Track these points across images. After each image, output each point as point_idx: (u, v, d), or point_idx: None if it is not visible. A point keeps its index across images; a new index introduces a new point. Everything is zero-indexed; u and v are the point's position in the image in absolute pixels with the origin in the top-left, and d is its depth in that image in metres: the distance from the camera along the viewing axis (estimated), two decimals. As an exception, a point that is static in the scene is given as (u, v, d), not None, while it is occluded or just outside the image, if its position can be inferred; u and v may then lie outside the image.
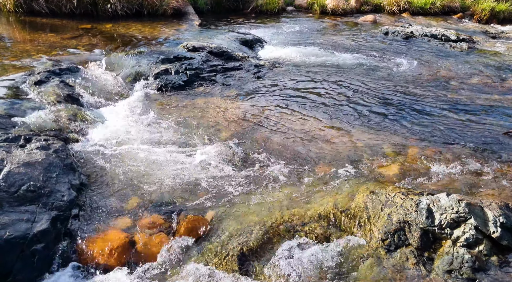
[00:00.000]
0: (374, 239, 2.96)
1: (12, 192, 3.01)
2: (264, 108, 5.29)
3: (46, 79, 5.01)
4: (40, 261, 2.78)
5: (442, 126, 4.91)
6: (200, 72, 6.30)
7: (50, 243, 2.87)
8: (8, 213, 2.87)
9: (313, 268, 2.81)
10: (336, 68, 7.19)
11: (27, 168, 3.23)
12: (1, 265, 2.64)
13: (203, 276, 2.82)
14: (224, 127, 4.76)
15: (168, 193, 3.56)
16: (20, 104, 4.33)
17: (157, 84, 5.81)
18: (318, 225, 3.15)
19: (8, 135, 3.57)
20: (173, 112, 5.11)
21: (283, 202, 3.44)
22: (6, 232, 2.72)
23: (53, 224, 2.96)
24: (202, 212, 3.37)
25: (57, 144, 3.69)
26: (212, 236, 3.17)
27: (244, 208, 3.40)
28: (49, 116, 4.28)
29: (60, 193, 3.21)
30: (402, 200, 3.10)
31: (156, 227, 3.22)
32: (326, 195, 3.48)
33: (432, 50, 9.02)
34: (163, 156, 4.08)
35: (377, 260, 2.82)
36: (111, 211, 3.35)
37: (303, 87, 6.07)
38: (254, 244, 3.02)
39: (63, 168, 3.46)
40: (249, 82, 6.28)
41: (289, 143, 4.45)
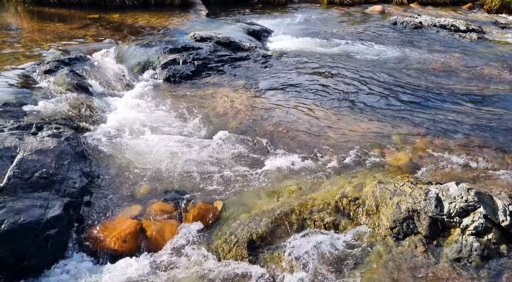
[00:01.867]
0: (383, 227, 2.98)
1: (25, 179, 3.06)
2: (271, 98, 5.30)
3: (55, 68, 5.04)
4: (54, 246, 2.83)
5: (451, 117, 4.89)
6: (208, 62, 6.30)
7: (63, 229, 2.92)
8: (22, 199, 2.92)
9: (321, 256, 2.83)
10: (343, 58, 7.16)
11: (39, 155, 3.28)
12: (17, 249, 2.69)
13: (212, 263, 2.86)
14: (232, 117, 4.77)
15: (178, 181, 3.59)
16: (30, 93, 4.37)
17: (165, 74, 5.82)
18: (326, 214, 3.17)
19: (20, 123, 3.61)
20: (181, 101, 5.13)
21: (291, 191, 3.46)
22: (20, 217, 2.77)
23: (65, 210, 3.00)
24: (211, 200, 3.40)
25: (68, 132, 3.73)
26: (221, 224, 3.20)
27: (253, 196, 3.43)
28: (59, 105, 4.31)
29: (72, 180, 3.26)
30: (411, 189, 3.11)
31: (166, 214, 3.26)
32: (334, 184, 3.49)
33: (441, 40, 8.93)
34: (172, 144, 4.11)
35: (385, 248, 2.84)
36: (121, 198, 3.39)
37: (310, 77, 6.06)
38: (263, 231, 3.05)
39: (74, 155, 3.50)
40: (257, 72, 6.28)
41: (297, 132, 4.45)
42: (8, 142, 3.29)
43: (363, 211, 3.14)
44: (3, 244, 2.65)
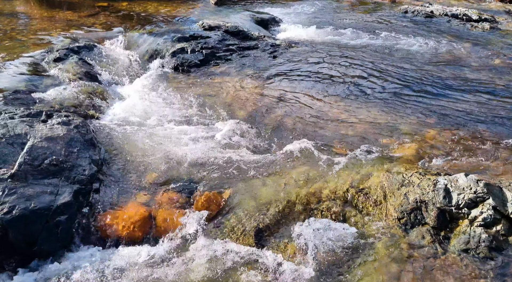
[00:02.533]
0: (390, 218, 2.98)
1: (36, 166, 3.10)
2: (279, 88, 5.28)
3: (65, 56, 5.07)
4: (64, 232, 2.88)
5: (461, 107, 4.83)
6: (216, 51, 6.28)
7: (73, 215, 2.96)
8: (33, 185, 2.96)
9: (328, 245, 2.84)
10: (353, 48, 7.09)
11: (49, 142, 3.31)
12: (28, 234, 2.74)
13: (220, 251, 2.88)
14: (240, 106, 4.77)
15: (185, 170, 3.61)
16: (40, 81, 4.41)
17: (174, 62, 5.82)
18: (334, 204, 3.17)
19: (30, 111, 3.64)
20: (189, 90, 5.13)
21: (299, 180, 3.46)
22: (31, 203, 2.81)
23: (75, 197, 3.04)
24: (219, 189, 3.42)
25: (78, 120, 3.76)
26: (229, 212, 3.22)
27: (260, 185, 3.43)
28: (68, 92, 4.34)
29: (81, 168, 3.29)
30: (419, 180, 3.10)
31: (174, 202, 3.29)
32: (342, 174, 3.48)
33: (452, 30, 8.79)
34: (180, 133, 4.13)
35: (393, 238, 2.84)
36: (130, 186, 3.42)
37: (319, 66, 6.02)
38: (270, 220, 3.07)
39: (83, 143, 3.53)
40: (265, 61, 6.24)
41: (305, 122, 4.44)
42: (18, 129, 3.33)
43: (371, 201, 3.13)
44: (15, 229, 2.70)
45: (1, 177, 2.90)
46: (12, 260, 2.71)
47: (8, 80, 4.30)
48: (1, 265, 2.68)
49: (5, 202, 2.76)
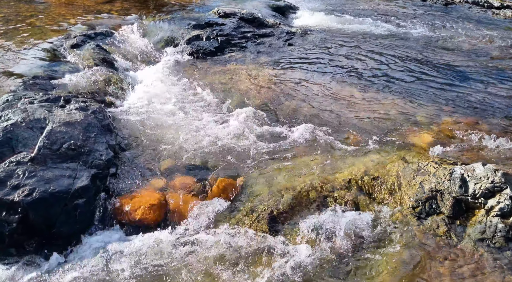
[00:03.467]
0: (405, 207, 2.97)
1: (54, 150, 3.16)
2: (294, 75, 5.25)
3: (82, 43, 5.12)
4: (82, 215, 2.94)
5: (480, 97, 4.74)
6: (231, 39, 6.26)
7: (90, 199, 3.02)
8: (52, 169, 3.02)
9: (342, 233, 2.85)
10: (370, 36, 6.99)
11: (67, 127, 3.37)
12: (47, 217, 2.81)
13: (233, 236, 2.92)
14: (255, 94, 4.76)
15: (200, 156, 3.64)
16: (58, 67, 4.47)
17: (189, 49, 5.83)
18: (348, 192, 3.17)
19: (49, 96, 3.70)
20: (204, 77, 5.14)
21: (313, 168, 3.46)
22: (50, 186, 2.88)
23: (92, 181, 3.10)
24: (233, 176, 3.44)
25: (95, 105, 3.81)
26: (243, 199, 3.25)
27: (274, 173, 3.45)
28: (85, 78, 4.40)
29: (98, 152, 3.34)
30: (435, 169, 3.07)
31: (188, 188, 3.32)
32: (356, 162, 3.47)
33: (473, 17, 8.58)
34: (195, 119, 4.15)
35: (407, 227, 2.83)
36: (145, 171, 3.47)
37: (334, 54, 5.95)
38: (284, 207, 3.08)
39: (100, 128, 3.58)
40: (280, 49, 6.21)
41: (320, 110, 4.42)
42: (38, 114, 3.39)
43: (385, 190, 3.12)
44: (35, 211, 2.77)
45: (22, 160, 2.98)
46: (32, 241, 2.79)
47: (28, 66, 4.37)
48: (22, 246, 2.76)
49: (25, 185, 2.83)
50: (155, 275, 2.64)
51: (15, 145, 3.09)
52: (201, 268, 2.67)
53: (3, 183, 2.81)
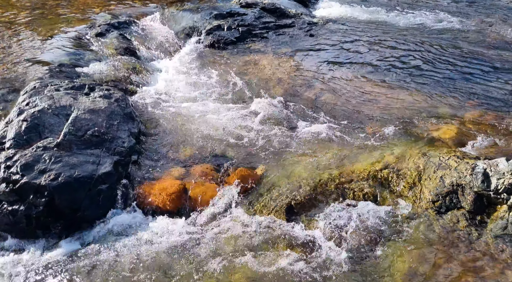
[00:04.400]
0: (424, 200, 2.94)
1: (79, 136, 3.25)
2: (315, 67, 5.21)
3: (106, 31, 5.21)
4: (105, 200, 3.03)
5: (505, 91, 4.61)
6: (252, 29, 6.25)
7: (113, 185, 3.11)
8: (77, 154, 3.11)
9: (360, 226, 2.85)
10: (394, 27, 6.86)
11: (92, 114, 3.45)
12: (72, 201, 2.91)
13: (251, 225, 2.95)
14: (275, 84, 4.76)
15: (220, 145, 3.67)
16: (83, 55, 4.57)
17: (210, 39, 5.85)
18: (366, 184, 3.16)
19: (74, 84, 3.80)
20: (225, 67, 5.16)
21: (332, 159, 3.45)
22: (75, 171, 2.97)
23: (115, 167, 3.18)
24: (252, 165, 3.47)
25: (118, 94, 3.88)
26: (261, 189, 3.28)
27: (293, 164, 3.46)
28: (109, 67, 4.48)
29: (121, 140, 3.42)
30: (456, 163, 3.02)
31: (208, 177, 3.37)
32: (376, 154, 3.45)
33: (502, 8, 8.31)
34: (215, 109, 4.19)
35: (426, 221, 2.81)
36: (166, 159, 3.53)
37: (357, 45, 5.87)
38: (302, 198, 3.10)
39: (123, 116, 3.65)
40: (301, 40, 6.16)
41: (340, 102, 4.39)
42: (63, 101, 3.49)
43: (404, 183, 3.10)
44: (60, 195, 2.87)
45: (48, 146, 3.07)
46: (58, 224, 2.89)
47: (54, 54, 4.48)
48: (48, 228, 2.87)
49: (51, 169, 2.93)
50: (173, 258, 2.70)
51: (42, 130, 3.19)
52: (218, 254, 2.73)
53: (31, 167, 2.91)
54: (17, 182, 2.83)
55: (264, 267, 2.61)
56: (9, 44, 4.74)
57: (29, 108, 3.34)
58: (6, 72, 4.10)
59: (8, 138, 3.10)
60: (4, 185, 2.82)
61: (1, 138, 3.12)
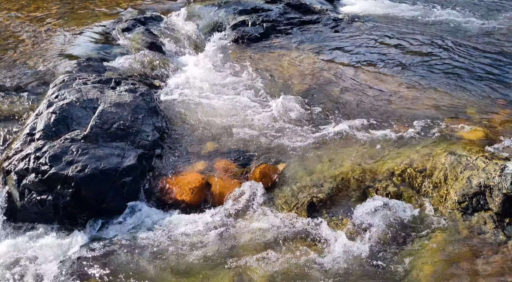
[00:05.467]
0: (450, 201, 2.88)
1: (105, 129, 3.32)
2: (339, 64, 5.16)
3: (132, 27, 5.31)
4: (129, 193, 3.09)
5: (538, 90, 4.46)
6: (277, 25, 6.23)
7: (137, 178, 3.16)
8: (102, 147, 3.18)
9: (383, 225, 2.81)
10: (420, 25, 6.71)
11: (117, 108, 3.52)
12: (98, 192, 2.98)
13: (272, 222, 2.96)
14: (299, 81, 4.74)
15: (242, 141, 3.68)
16: (110, 50, 4.66)
17: (234, 35, 5.87)
18: (390, 183, 3.11)
19: (101, 77, 3.88)
20: (249, 63, 5.16)
21: (354, 157, 3.41)
22: (101, 163, 3.03)
23: (139, 160, 3.23)
24: (274, 162, 3.46)
25: (143, 88, 3.94)
26: (283, 185, 3.27)
27: (315, 160, 3.44)
28: (135, 61, 4.56)
29: (145, 133, 3.47)
30: (484, 164, 2.94)
31: (229, 172, 3.38)
32: (400, 153, 3.39)
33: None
34: (238, 104, 4.20)
35: (451, 222, 2.75)
36: (188, 153, 3.56)
37: (382, 43, 5.78)
38: (324, 196, 3.08)
39: (148, 110, 3.71)
40: (326, 36, 6.10)
41: (364, 99, 4.33)
42: (91, 94, 3.57)
43: (430, 183, 3.04)
44: (86, 186, 2.94)
45: (75, 138, 3.15)
46: (83, 215, 2.97)
47: (82, 48, 4.59)
48: (74, 218, 2.95)
49: (78, 161, 3.00)
50: (192, 252, 2.73)
51: (69, 123, 3.28)
52: (238, 249, 2.75)
53: (59, 158, 2.99)
54: (46, 172, 2.92)
55: (284, 264, 2.61)
56: (40, 38, 4.89)
57: (58, 101, 3.44)
58: (37, 65, 4.23)
59: (38, 130, 3.20)
60: (33, 175, 2.92)
61: (31, 129, 3.23)
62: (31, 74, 4.07)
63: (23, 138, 3.20)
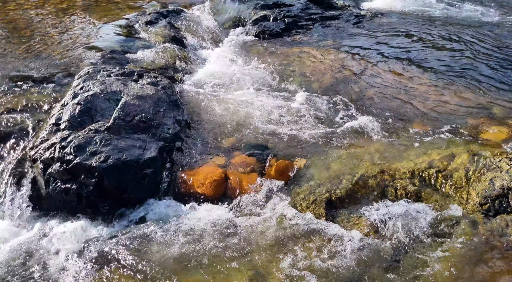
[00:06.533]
0: (471, 203, 2.84)
1: (127, 121, 3.38)
2: (360, 60, 5.10)
3: (155, 20, 5.36)
4: (150, 184, 3.14)
5: None
6: (298, 20, 6.21)
7: (157, 170, 3.21)
8: (125, 139, 3.24)
9: (401, 225, 2.79)
10: (445, 22, 6.57)
11: (139, 100, 3.57)
12: (120, 182, 3.04)
13: (289, 217, 2.97)
14: (318, 77, 4.72)
15: (261, 136, 3.69)
16: (133, 42, 4.73)
17: (255, 30, 5.88)
18: (410, 182, 3.08)
19: (124, 70, 3.94)
20: (269, 58, 5.16)
21: (374, 156, 3.39)
22: (123, 155, 3.09)
23: (160, 153, 3.28)
24: (292, 157, 3.47)
25: (165, 81, 3.99)
26: (301, 181, 3.28)
27: (334, 158, 3.43)
28: (157, 55, 4.61)
29: (166, 126, 3.52)
30: (508, 165, 2.89)
31: (248, 167, 3.40)
32: (421, 153, 3.35)
33: None
34: (258, 100, 4.21)
35: (472, 224, 2.72)
36: (208, 147, 3.60)
37: (405, 40, 5.69)
38: (342, 193, 3.07)
39: (169, 103, 3.75)
40: (348, 32, 6.05)
41: (385, 97, 4.29)
42: (114, 87, 3.63)
43: (451, 184, 3.00)
44: (109, 177, 3.00)
45: (99, 129, 3.22)
46: (105, 204, 3.04)
47: (106, 40, 4.67)
48: (97, 207, 3.02)
49: (101, 152, 3.07)
50: (210, 245, 2.76)
51: (94, 114, 3.35)
52: (256, 244, 2.77)
53: (83, 149, 3.06)
54: (70, 162, 2.99)
55: (301, 261, 2.62)
56: (66, 30, 4.98)
57: (82, 92, 3.51)
58: (62, 56, 4.32)
59: (63, 120, 3.28)
60: (58, 164, 3.00)
61: (57, 120, 3.31)
62: (57, 65, 4.17)
63: (49, 127, 3.28)
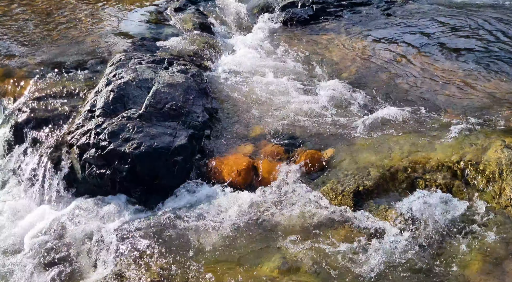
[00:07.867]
0: (504, 197, 2.79)
1: (158, 109, 3.44)
2: (390, 49, 5.00)
3: (184, 6, 5.39)
4: (180, 171, 3.21)
5: None
6: (327, 7, 6.11)
7: (187, 157, 3.27)
8: (156, 126, 3.31)
9: (431, 218, 2.77)
10: (480, 9, 6.33)
11: (170, 88, 3.62)
12: (151, 169, 3.12)
13: (317, 207, 2.99)
14: (347, 66, 4.66)
15: (288, 125, 3.70)
16: (162, 29, 4.77)
17: (283, 17, 5.83)
18: (440, 175, 3.05)
19: (154, 58, 3.99)
20: (297, 46, 5.12)
21: (403, 147, 3.35)
22: (154, 142, 3.17)
23: (190, 140, 3.34)
24: (320, 147, 3.46)
25: (194, 69, 4.02)
26: (329, 171, 3.28)
27: (362, 149, 3.40)
28: (186, 42, 4.65)
29: (195, 114, 3.57)
30: (545, 160, 2.82)
31: (276, 156, 3.43)
32: (452, 145, 3.29)
33: None
34: (286, 88, 4.20)
35: (505, 219, 2.68)
36: (236, 136, 3.63)
37: (436, 28, 5.53)
38: (370, 184, 3.06)
39: (198, 91, 3.79)
40: (377, 19, 5.92)
41: (415, 86, 4.21)
42: (145, 74, 3.69)
43: (483, 177, 2.95)
44: (141, 163, 3.09)
45: (131, 116, 3.29)
46: (137, 189, 3.13)
47: (136, 27, 4.73)
48: (129, 192, 3.11)
49: (134, 139, 3.15)
50: (238, 232, 2.83)
51: (126, 101, 3.42)
52: (283, 232, 2.81)
53: (116, 135, 3.15)
54: (105, 148, 3.09)
55: (328, 251, 2.64)
56: (97, 17, 5.06)
57: (115, 80, 3.58)
58: (95, 43, 4.40)
59: (98, 107, 3.37)
60: (93, 150, 3.09)
61: (92, 106, 3.40)
62: (89, 52, 4.25)
63: (84, 114, 3.38)
